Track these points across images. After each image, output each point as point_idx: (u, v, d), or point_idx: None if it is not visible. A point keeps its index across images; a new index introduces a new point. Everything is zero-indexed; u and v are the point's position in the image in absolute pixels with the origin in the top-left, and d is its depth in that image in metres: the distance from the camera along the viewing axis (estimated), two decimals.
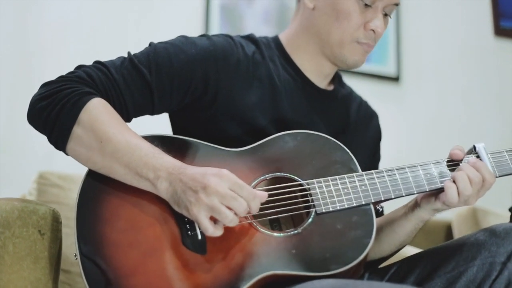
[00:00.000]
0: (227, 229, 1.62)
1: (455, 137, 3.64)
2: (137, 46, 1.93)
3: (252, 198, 1.61)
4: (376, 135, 2.21)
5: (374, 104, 2.26)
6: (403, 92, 3.90)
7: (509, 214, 2.38)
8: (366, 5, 1.93)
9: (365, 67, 3.72)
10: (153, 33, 3.29)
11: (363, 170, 1.81)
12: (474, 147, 1.85)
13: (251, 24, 3.56)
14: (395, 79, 3.87)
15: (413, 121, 3.88)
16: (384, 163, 2.16)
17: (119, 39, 3.27)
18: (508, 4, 4.13)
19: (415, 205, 1.87)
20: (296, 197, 1.75)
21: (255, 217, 1.69)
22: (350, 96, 2.17)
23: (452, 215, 3.23)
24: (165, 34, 2.05)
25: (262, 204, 1.67)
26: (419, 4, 3.99)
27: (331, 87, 2.11)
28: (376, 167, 2.18)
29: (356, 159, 1.83)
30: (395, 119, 3.74)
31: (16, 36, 3.13)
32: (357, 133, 2.12)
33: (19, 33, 3.14)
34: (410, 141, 3.79)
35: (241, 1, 3.61)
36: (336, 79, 2.14)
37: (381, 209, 1.94)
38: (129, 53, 1.87)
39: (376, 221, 1.94)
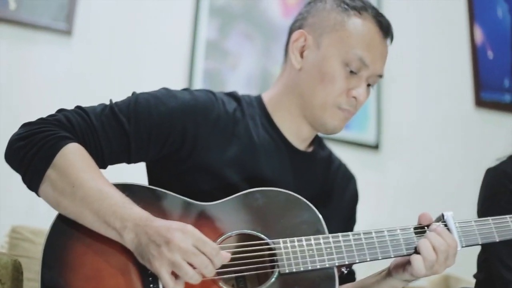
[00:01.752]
0: (189, 285, 1.62)
1: (435, 207, 3.60)
2: None
3: (215, 254, 1.61)
4: (353, 198, 2.21)
5: (353, 171, 2.27)
6: (383, 160, 3.93)
7: None
8: (351, 72, 1.96)
9: (345, 134, 3.78)
10: None
11: (338, 232, 1.82)
12: (443, 215, 1.87)
13: (234, 89, 3.58)
14: (375, 147, 3.91)
15: (392, 189, 3.89)
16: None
17: (104, 98, 3.30)
18: (489, 76, 4.20)
19: (387, 274, 1.88)
20: (262, 256, 1.75)
21: (219, 273, 1.69)
22: (329, 158, 2.17)
23: (426, 282, 3.23)
24: None
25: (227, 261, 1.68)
26: (401, 73, 4.04)
27: (310, 149, 2.12)
28: (351, 230, 2.18)
29: (332, 222, 1.84)
30: (374, 187, 3.76)
31: (2, 91, 3.16)
32: (334, 196, 2.12)
33: (5, 88, 3.18)
34: (389, 210, 3.80)
35: (224, 66, 3.67)
36: (316, 141, 2.14)
37: (345, 272, 1.95)
38: (111, 100, 1.89)
39: (347, 285, 1.95)
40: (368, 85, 2.02)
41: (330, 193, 2.11)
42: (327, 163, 2.15)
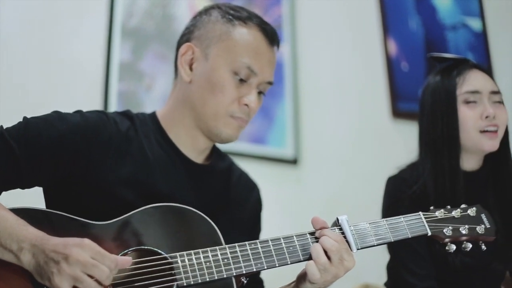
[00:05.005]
0: None
1: (354, 218, 3.67)
2: None
3: (114, 265, 1.63)
4: (256, 207, 2.24)
5: (272, 187, 2.28)
6: (302, 175, 3.96)
7: None
8: (241, 80, 2.00)
9: (263, 150, 3.80)
10: None
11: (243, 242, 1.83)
12: (337, 219, 1.90)
13: (150, 110, 3.58)
14: (293, 161, 3.94)
15: (311, 203, 3.90)
16: None
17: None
18: (404, 87, 4.27)
19: (295, 286, 1.90)
20: (161, 270, 1.76)
21: None
22: (230, 169, 2.20)
23: None
24: None
25: (126, 277, 1.69)
26: (317, 87, 4.09)
27: (208, 161, 2.14)
28: (257, 238, 2.19)
29: (235, 232, 1.88)
30: (293, 202, 3.78)
31: None
32: (235, 206, 2.14)
33: None
34: (308, 224, 3.80)
35: (139, 87, 3.65)
36: (215, 153, 2.17)
37: (245, 281, 1.96)
38: (1, 127, 1.87)
39: None
40: (260, 92, 2.06)
41: (232, 203, 2.14)
42: (227, 174, 2.18)
